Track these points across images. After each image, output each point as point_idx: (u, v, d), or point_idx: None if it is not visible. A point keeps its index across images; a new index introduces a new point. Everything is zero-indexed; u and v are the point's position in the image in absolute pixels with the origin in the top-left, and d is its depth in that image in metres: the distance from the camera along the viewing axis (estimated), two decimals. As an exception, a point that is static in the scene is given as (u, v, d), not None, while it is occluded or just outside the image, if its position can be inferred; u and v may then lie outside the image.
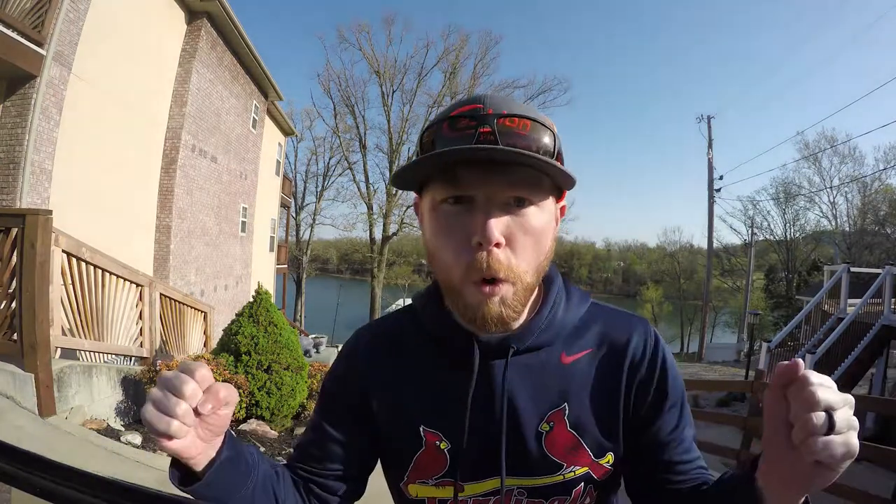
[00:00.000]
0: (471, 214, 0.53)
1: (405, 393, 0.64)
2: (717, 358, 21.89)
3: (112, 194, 6.80)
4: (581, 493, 0.63)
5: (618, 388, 0.62)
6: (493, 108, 0.52)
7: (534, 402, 0.61)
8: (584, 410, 0.61)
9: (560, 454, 0.61)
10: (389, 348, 0.67)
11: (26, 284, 2.75)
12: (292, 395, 4.53)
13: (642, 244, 66.89)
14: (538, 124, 0.53)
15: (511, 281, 0.53)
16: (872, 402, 5.48)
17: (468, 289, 0.54)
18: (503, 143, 0.50)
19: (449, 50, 27.33)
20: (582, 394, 0.61)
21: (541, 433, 0.61)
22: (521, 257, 0.54)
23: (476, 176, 0.52)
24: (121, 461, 2.75)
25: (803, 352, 7.76)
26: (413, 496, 0.65)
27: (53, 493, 0.48)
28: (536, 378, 0.61)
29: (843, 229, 26.93)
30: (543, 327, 0.61)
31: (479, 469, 0.62)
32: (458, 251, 0.53)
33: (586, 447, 0.61)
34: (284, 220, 21.61)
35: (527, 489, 0.62)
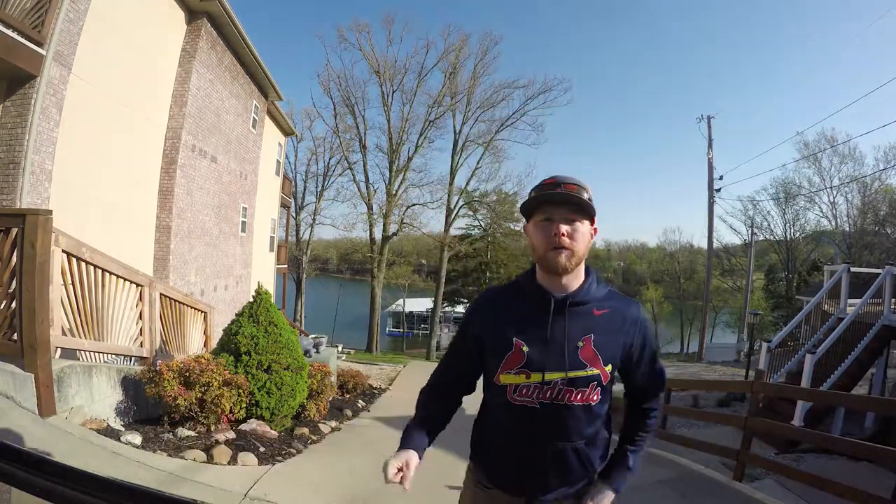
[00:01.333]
0: (553, 224, 1.13)
1: (506, 319, 1.19)
2: (717, 358, 21.87)
3: (112, 194, 6.80)
4: (593, 388, 1.14)
5: (622, 333, 1.19)
6: (562, 181, 1.14)
7: (576, 331, 1.15)
8: (601, 340, 1.15)
9: (586, 359, 1.14)
10: (499, 297, 1.25)
11: (26, 284, 2.75)
12: (292, 395, 4.52)
13: (642, 244, 66.81)
14: (581, 188, 1.14)
15: (571, 249, 1.12)
16: (872, 402, 5.48)
17: (550, 253, 1.12)
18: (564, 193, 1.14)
19: (449, 50, 27.31)
20: (602, 331, 1.16)
21: (577, 347, 1.14)
22: (573, 243, 1.12)
23: (554, 208, 1.14)
24: (121, 461, 2.75)
25: (803, 352, 7.75)
26: (501, 383, 1.16)
27: (53, 493, 0.48)
28: (580, 320, 1.16)
29: (843, 229, 26.92)
30: (584, 294, 1.17)
31: (542, 364, 1.13)
32: (548, 239, 1.13)
33: (600, 359, 1.14)
34: (284, 220, 21.61)
35: (567, 380, 1.13)
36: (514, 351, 1.14)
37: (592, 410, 1.17)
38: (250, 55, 10.57)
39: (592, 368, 1.13)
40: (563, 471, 1.18)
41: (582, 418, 1.16)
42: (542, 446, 1.17)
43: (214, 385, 3.76)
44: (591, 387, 1.13)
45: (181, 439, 3.47)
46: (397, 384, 11.19)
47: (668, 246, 47.76)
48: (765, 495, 3.64)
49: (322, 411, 5.39)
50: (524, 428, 1.17)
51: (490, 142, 27.90)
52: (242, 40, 9.93)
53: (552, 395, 1.13)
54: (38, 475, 0.49)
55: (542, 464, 1.17)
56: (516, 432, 1.18)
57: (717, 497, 3.64)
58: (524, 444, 1.18)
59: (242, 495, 2.75)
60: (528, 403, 1.14)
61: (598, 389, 1.15)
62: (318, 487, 3.21)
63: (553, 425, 1.16)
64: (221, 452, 3.34)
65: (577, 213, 1.13)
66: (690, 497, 3.62)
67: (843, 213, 27.55)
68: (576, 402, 1.13)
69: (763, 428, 4.52)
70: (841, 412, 7.48)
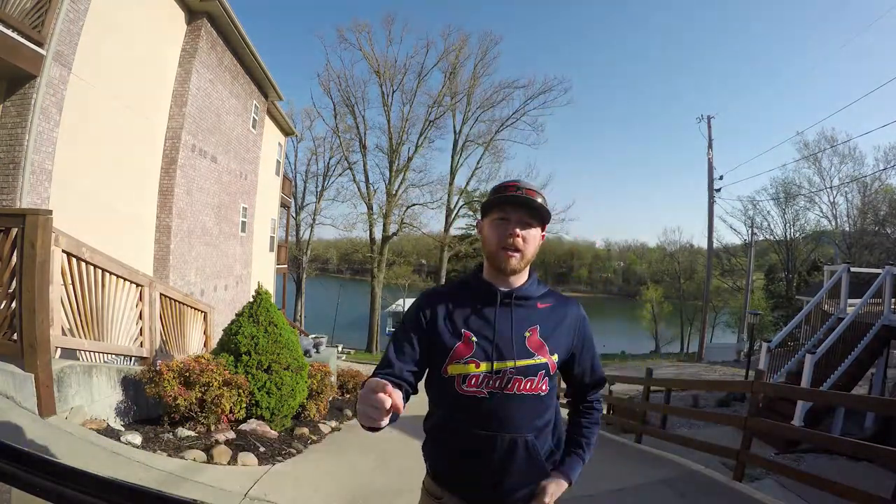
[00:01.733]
0: (509, 225, 1.18)
1: (454, 313, 1.21)
2: (717, 358, 21.87)
3: (112, 194, 6.80)
4: (541, 377, 1.18)
5: (563, 326, 1.24)
6: (523, 185, 1.20)
7: (523, 322, 1.20)
8: (546, 331, 1.21)
9: (533, 348, 1.18)
10: (445, 294, 1.27)
11: (26, 284, 2.75)
12: (292, 395, 4.52)
13: (642, 244, 66.87)
14: (539, 194, 1.20)
15: (521, 251, 1.18)
16: (872, 402, 5.48)
17: (501, 253, 1.18)
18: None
19: (449, 50, 27.37)
20: (546, 323, 1.21)
21: (524, 336, 1.18)
22: (525, 245, 1.18)
23: (513, 209, 1.18)
24: (121, 461, 2.75)
25: (803, 352, 7.75)
26: (449, 374, 1.17)
27: (53, 493, 0.48)
28: (525, 312, 1.21)
29: (843, 229, 26.90)
30: (527, 290, 1.23)
31: (491, 353, 1.16)
32: (501, 239, 1.18)
33: (546, 348, 1.19)
34: (284, 220, 21.60)
35: (515, 369, 1.15)
36: (463, 341, 1.17)
37: (542, 401, 1.19)
38: (250, 55, 10.57)
39: (540, 357, 1.16)
40: (514, 466, 1.16)
41: (531, 408, 1.17)
42: (492, 438, 1.15)
43: (214, 385, 3.76)
44: (539, 375, 1.16)
45: (181, 439, 3.47)
46: (397, 384, 11.17)
47: (668, 246, 47.80)
48: (765, 495, 3.63)
49: (322, 411, 5.39)
50: (473, 419, 1.15)
51: (490, 142, 27.93)
52: (242, 40, 9.92)
53: (501, 385, 1.14)
54: (38, 475, 0.49)
55: (493, 457, 1.15)
56: (466, 423, 1.16)
57: (716, 497, 3.64)
58: (474, 436, 1.15)
59: (242, 495, 2.75)
60: (477, 394, 1.15)
61: (546, 379, 1.18)
62: (318, 487, 3.21)
63: (502, 415, 1.15)
64: (221, 452, 3.34)
65: (533, 217, 1.18)
66: (690, 497, 3.62)
67: (843, 213, 27.56)
68: (525, 391, 1.16)
69: (763, 428, 4.52)
70: (841, 412, 7.48)
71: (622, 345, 36.91)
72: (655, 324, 40.97)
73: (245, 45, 10.15)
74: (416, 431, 1.18)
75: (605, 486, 3.73)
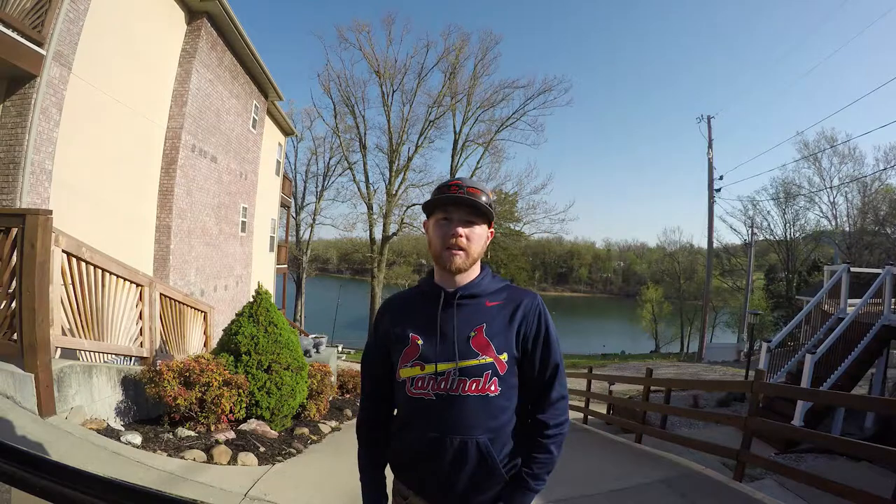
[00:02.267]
0: (451, 225, 1.19)
1: (404, 318, 1.23)
2: (717, 358, 21.87)
3: (112, 194, 6.80)
4: (488, 378, 1.14)
5: (513, 322, 1.18)
6: (465, 184, 1.19)
7: (468, 321, 1.17)
8: (493, 329, 1.16)
9: (478, 348, 1.14)
10: (401, 300, 1.31)
11: (26, 284, 2.75)
12: (292, 395, 4.52)
13: (642, 244, 66.93)
14: (482, 192, 1.20)
15: (466, 250, 1.18)
16: (872, 402, 5.48)
17: (445, 252, 1.18)
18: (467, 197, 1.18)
19: (449, 50, 27.35)
20: (494, 321, 1.17)
21: (468, 336, 1.15)
22: (469, 244, 1.18)
23: (455, 209, 1.19)
24: (121, 461, 2.75)
25: (803, 352, 7.75)
26: (401, 378, 1.19)
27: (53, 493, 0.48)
28: (471, 311, 1.19)
29: (843, 229, 26.92)
30: (475, 287, 1.21)
31: (434, 355, 1.16)
32: (445, 239, 1.18)
33: (493, 347, 1.14)
34: (284, 220, 21.61)
35: (458, 370, 1.13)
36: (410, 345, 1.19)
37: (492, 402, 1.14)
38: (250, 55, 10.57)
39: (485, 357, 1.13)
40: (466, 468, 1.13)
41: (480, 410, 1.13)
42: (441, 440, 1.14)
43: (214, 385, 3.76)
44: (485, 376, 1.13)
45: (181, 439, 3.47)
46: (397, 384, 11.18)
47: (668, 246, 47.83)
48: (765, 495, 3.63)
49: (322, 411, 5.39)
50: (423, 421, 1.16)
51: (490, 142, 27.93)
52: (242, 40, 9.92)
53: (446, 386, 1.13)
54: (38, 475, 0.49)
55: (444, 458, 1.14)
56: (416, 427, 1.17)
57: (717, 497, 3.64)
58: (426, 437, 1.15)
59: (242, 495, 2.75)
60: (424, 395, 1.15)
61: (496, 380, 1.13)
62: (318, 487, 3.21)
63: (449, 417, 1.14)
64: (221, 452, 3.34)
65: (475, 215, 1.18)
66: (690, 497, 3.62)
67: (843, 213, 27.59)
68: (471, 392, 1.13)
69: (763, 428, 4.52)
70: (841, 412, 7.48)
71: (622, 345, 36.93)
72: (655, 324, 40.98)
73: (245, 45, 10.15)
74: (416, 431, 1.18)
75: (605, 486, 3.73)
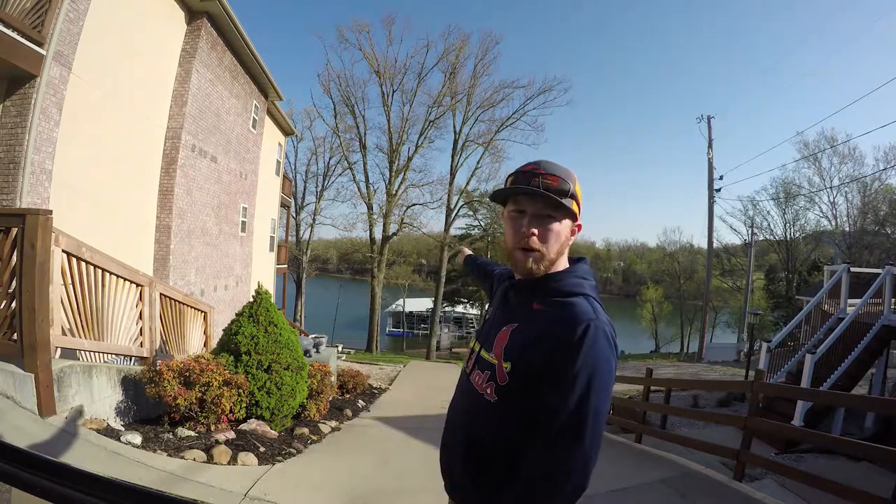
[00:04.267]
0: (524, 219, 1.01)
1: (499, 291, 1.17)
2: (717, 358, 21.87)
3: (112, 194, 6.80)
4: (487, 379, 1.01)
5: (538, 339, 0.94)
6: (542, 169, 1.00)
7: (507, 314, 1.06)
8: (518, 334, 0.99)
9: (496, 344, 1.02)
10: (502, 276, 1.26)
11: (26, 284, 2.75)
12: (292, 395, 4.52)
13: (642, 244, 66.99)
14: (563, 179, 1.00)
15: (539, 251, 1.00)
16: (872, 402, 5.48)
17: (516, 253, 1.02)
18: (543, 187, 0.98)
19: (449, 50, 27.32)
20: (525, 326, 0.99)
21: (499, 329, 1.03)
22: (544, 245, 1.00)
23: (528, 201, 1.01)
24: (121, 461, 2.75)
25: (803, 352, 7.74)
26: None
27: (53, 493, 0.48)
28: (517, 306, 1.05)
29: (843, 229, 26.90)
30: (540, 284, 1.03)
31: (480, 333, 1.13)
32: (516, 236, 1.01)
33: (503, 350, 0.99)
34: (284, 220, 21.60)
35: (478, 356, 1.07)
36: (485, 316, 1.21)
37: (484, 405, 1.00)
38: (250, 55, 10.57)
39: (494, 356, 1.01)
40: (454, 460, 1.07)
41: (476, 405, 1.03)
42: (451, 417, 1.13)
43: (214, 385, 3.76)
44: (486, 375, 1.01)
45: (181, 439, 3.47)
46: (397, 384, 11.20)
47: (668, 246, 47.81)
48: (765, 495, 3.63)
49: (322, 411, 5.39)
50: (457, 392, 1.15)
51: (490, 142, 27.90)
52: (242, 40, 9.92)
53: (470, 365, 1.10)
54: (38, 475, 0.49)
55: (452, 438, 1.10)
56: (456, 394, 1.16)
57: (717, 497, 3.64)
58: (451, 408, 1.16)
59: (242, 495, 2.75)
60: (466, 367, 1.14)
61: (493, 386, 0.99)
62: (318, 487, 3.21)
63: (460, 399, 1.11)
64: (221, 452, 3.34)
65: (554, 208, 0.99)
66: (690, 497, 3.62)
67: (843, 213, 27.58)
68: (475, 383, 1.05)
69: (763, 428, 4.52)
70: (841, 412, 7.47)
71: (622, 345, 36.85)
72: (655, 324, 40.97)
73: (245, 45, 10.15)
74: (417, 432, 1.18)
75: (605, 486, 3.73)
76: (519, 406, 0.94)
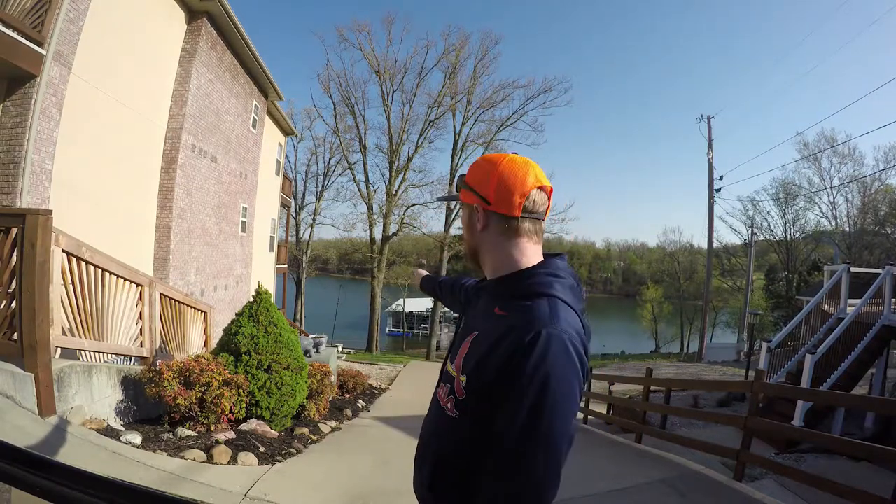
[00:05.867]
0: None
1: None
2: (717, 358, 21.86)
3: (112, 194, 6.80)
4: (447, 392, 0.90)
5: (492, 349, 0.81)
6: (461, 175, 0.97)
7: (473, 322, 0.96)
8: (477, 345, 0.86)
9: (458, 355, 0.89)
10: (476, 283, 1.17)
11: (26, 284, 2.75)
12: (292, 395, 4.52)
13: (642, 244, 66.97)
14: (463, 174, 0.96)
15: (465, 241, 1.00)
16: (872, 402, 5.48)
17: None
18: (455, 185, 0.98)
19: (449, 50, 27.34)
20: (484, 335, 0.86)
21: (465, 340, 0.91)
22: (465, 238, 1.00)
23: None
24: (121, 461, 2.75)
25: (803, 352, 7.74)
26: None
27: (53, 493, 0.48)
28: (483, 309, 0.94)
29: (843, 229, 26.92)
30: (500, 285, 0.92)
31: (452, 347, 0.99)
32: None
33: (461, 359, 0.88)
34: (284, 220, 21.61)
35: (443, 368, 0.96)
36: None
37: (447, 420, 0.89)
38: (250, 55, 10.57)
39: (454, 369, 0.89)
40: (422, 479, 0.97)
41: (440, 422, 0.92)
42: (422, 433, 1.03)
43: (214, 385, 3.76)
44: (446, 389, 0.91)
45: (181, 439, 3.47)
46: (397, 384, 11.20)
47: (668, 246, 47.82)
48: (765, 495, 3.63)
49: (322, 411, 5.39)
50: (430, 406, 1.04)
51: (490, 142, 27.91)
52: (242, 40, 9.92)
53: (437, 381, 0.99)
54: (38, 475, 0.49)
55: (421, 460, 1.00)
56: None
57: (717, 497, 3.64)
58: (423, 425, 1.07)
59: (242, 495, 2.75)
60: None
61: (452, 399, 0.88)
62: (318, 487, 3.21)
63: (430, 414, 1.00)
64: (221, 452, 3.34)
65: (459, 203, 1.00)
66: (690, 496, 3.62)
67: (843, 213, 27.60)
68: (439, 396, 0.94)
69: (763, 428, 4.52)
70: (841, 412, 7.47)
71: (622, 345, 36.94)
72: (655, 324, 40.99)
73: (245, 45, 10.15)
74: (417, 432, 1.16)
75: (605, 486, 3.74)
76: (478, 425, 0.82)
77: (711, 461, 5.32)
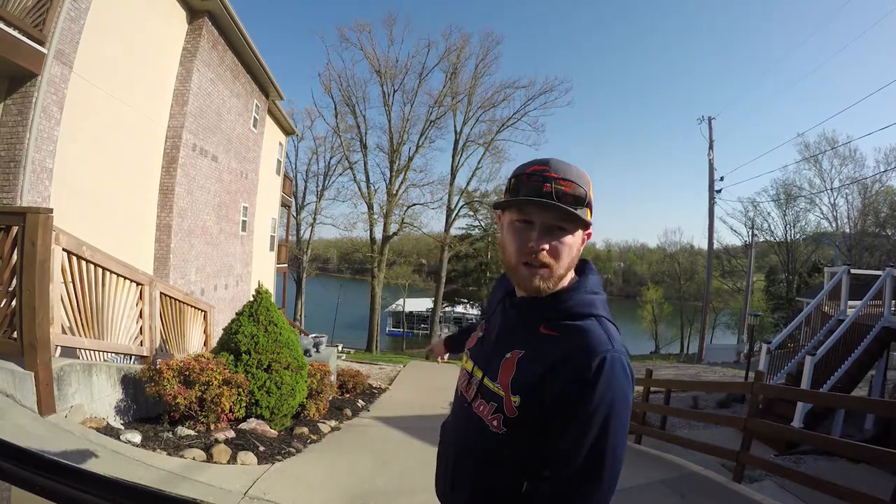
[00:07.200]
0: (532, 231, 0.86)
1: (492, 301, 1.09)
2: (717, 359, 21.85)
3: (113, 193, 6.80)
4: (492, 411, 0.89)
5: (551, 371, 0.82)
6: (553, 172, 0.85)
7: (510, 337, 0.93)
8: (526, 363, 0.87)
9: (502, 373, 0.90)
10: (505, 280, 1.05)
11: (26, 283, 2.75)
12: (292, 395, 4.52)
13: (643, 245, 67.00)
14: (576, 184, 0.85)
15: (549, 267, 0.86)
16: (872, 403, 5.48)
17: (521, 269, 0.87)
18: (557, 194, 0.83)
19: (450, 50, 27.36)
20: (533, 354, 0.87)
21: (504, 356, 0.91)
22: (554, 261, 0.86)
23: (538, 210, 0.85)
24: (120, 460, 2.75)
25: (803, 353, 7.74)
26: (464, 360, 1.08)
27: (53, 493, 0.48)
28: (521, 328, 0.92)
29: (844, 231, 26.90)
30: (546, 303, 0.89)
31: (477, 354, 1.01)
32: (522, 250, 0.86)
33: (510, 380, 0.88)
34: (285, 220, 21.60)
35: (480, 383, 0.95)
36: (478, 330, 1.08)
37: (488, 437, 0.89)
38: (251, 54, 10.57)
39: (500, 388, 0.89)
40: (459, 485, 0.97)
41: (480, 436, 0.92)
42: (449, 443, 1.06)
43: (214, 384, 3.76)
44: (491, 407, 0.90)
45: (181, 438, 3.47)
46: (397, 384, 11.20)
47: (669, 247, 47.80)
48: (764, 496, 3.64)
49: (322, 411, 5.39)
50: (453, 416, 1.07)
51: (491, 142, 27.95)
52: (243, 39, 9.92)
53: (471, 392, 0.97)
54: (38, 473, 0.49)
55: (445, 467, 1.03)
56: (451, 418, 1.09)
57: (716, 498, 3.64)
58: (446, 434, 1.09)
59: (242, 494, 2.75)
60: (460, 389, 1.03)
61: (500, 417, 0.88)
62: (318, 487, 3.21)
63: (461, 423, 1.00)
64: (221, 451, 3.34)
65: (568, 220, 0.85)
66: (690, 498, 3.62)
67: (843, 214, 27.57)
68: (478, 412, 0.93)
69: (763, 429, 4.52)
70: (841, 414, 7.47)
71: (622, 345, 36.82)
72: (655, 324, 40.96)
73: (246, 44, 10.15)
74: (417, 431, 1.16)
75: (605, 487, 3.72)
76: (531, 439, 0.85)
77: (711, 462, 5.32)
